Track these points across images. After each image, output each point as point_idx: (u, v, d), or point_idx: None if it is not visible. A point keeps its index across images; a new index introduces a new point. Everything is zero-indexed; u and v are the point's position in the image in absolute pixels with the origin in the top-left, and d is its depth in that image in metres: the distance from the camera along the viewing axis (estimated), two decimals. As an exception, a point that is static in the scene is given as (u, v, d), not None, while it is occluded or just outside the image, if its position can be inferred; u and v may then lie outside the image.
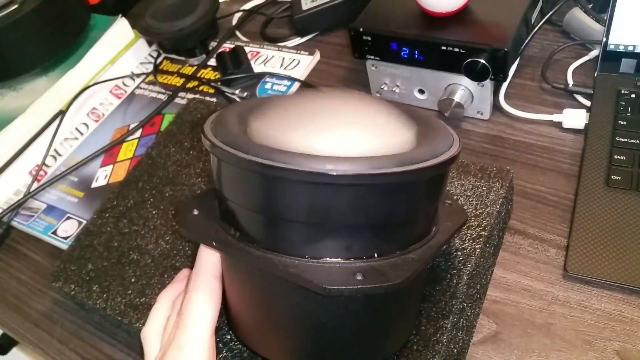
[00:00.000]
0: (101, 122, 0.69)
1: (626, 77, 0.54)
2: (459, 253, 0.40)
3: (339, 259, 0.29)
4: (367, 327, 0.31)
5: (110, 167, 0.62)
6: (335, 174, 0.26)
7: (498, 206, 0.42)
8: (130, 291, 0.43)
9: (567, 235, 0.46)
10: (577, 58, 0.59)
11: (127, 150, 0.63)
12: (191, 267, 0.36)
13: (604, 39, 0.54)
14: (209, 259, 0.35)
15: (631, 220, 0.44)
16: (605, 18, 0.57)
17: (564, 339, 0.40)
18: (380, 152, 0.28)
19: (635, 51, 0.54)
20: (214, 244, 0.31)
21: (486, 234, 0.41)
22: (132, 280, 0.44)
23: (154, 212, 0.49)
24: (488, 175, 0.44)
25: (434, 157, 0.29)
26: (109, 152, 0.64)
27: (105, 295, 0.44)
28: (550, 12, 0.57)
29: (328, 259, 0.29)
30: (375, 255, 0.29)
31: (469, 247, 0.40)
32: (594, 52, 0.59)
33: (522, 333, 0.41)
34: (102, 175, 0.61)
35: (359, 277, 0.28)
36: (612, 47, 0.54)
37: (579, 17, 0.60)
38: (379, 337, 0.32)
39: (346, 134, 0.30)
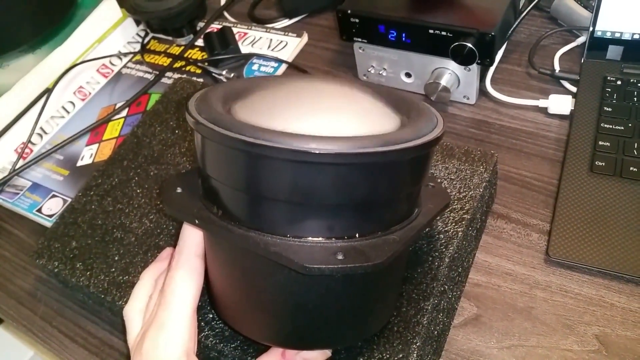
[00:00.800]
0: (87, 101, 0.68)
1: (612, 63, 0.54)
2: (442, 236, 0.40)
3: (320, 239, 0.29)
4: (348, 307, 0.31)
5: (95, 146, 0.62)
6: (318, 152, 0.26)
7: (481, 190, 0.42)
8: (113, 269, 0.43)
9: (549, 220, 0.46)
10: (565, 44, 0.59)
11: (113, 130, 0.63)
12: (174, 245, 0.36)
13: (591, 26, 0.54)
14: (191, 238, 0.35)
15: (614, 206, 0.44)
16: (592, 4, 0.57)
17: (545, 323, 0.41)
18: (364, 134, 0.28)
19: (622, 38, 0.54)
20: (197, 221, 0.31)
21: (469, 217, 0.41)
22: (116, 258, 0.44)
23: (138, 191, 0.48)
24: (472, 158, 0.45)
25: (417, 138, 0.29)
26: (95, 130, 0.63)
27: (88, 273, 0.44)
28: (540, -3, 0.57)
29: (310, 238, 0.29)
30: (357, 235, 0.29)
31: (452, 230, 0.40)
32: (581, 39, 0.59)
33: (503, 316, 0.42)
34: (88, 154, 0.61)
35: (340, 257, 0.28)
36: (599, 33, 0.55)
37: (566, 3, 0.60)
38: (360, 317, 0.33)
39: (331, 115, 0.30)
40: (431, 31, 0.51)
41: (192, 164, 0.50)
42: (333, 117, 0.30)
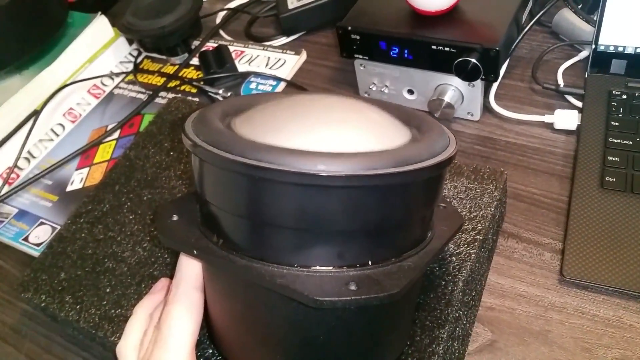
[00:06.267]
0: (78, 123, 0.66)
1: (617, 77, 0.53)
2: (454, 258, 0.38)
3: (330, 268, 0.27)
4: (360, 340, 0.29)
5: (86, 170, 0.60)
6: (327, 174, 0.24)
7: (492, 209, 0.41)
8: (105, 302, 0.41)
9: (561, 238, 0.45)
10: (567, 59, 0.59)
11: (105, 152, 0.61)
12: (170, 276, 0.34)
13: (594, 40, 0.53)
14: (189, 269, 0.33)
15: (627, 223, 0.43)
16: (594, 19, 0.56)
17: (562, 347, 0.39)
18: (375, 148, 0.26)
19: (626, 52, 0.53)
20: (195, 252, 0.29)
21: (481, 237, 0.39)
22: (107, 290, 0.42)
23: (130, 217, 0.46)
24: (481, 176, 0.43)
25: (432, 157, 0.27)
26: (86, 154, 0.62)
27: (78, 307, 0.41)
28: (541, 12, 0.56)
29: (319, 267, 0.27)
30: (370, 262, 0.27)
31: (464, 252, 0.38)
32: (584, 53, 0.58)
33: (519, 341, 0.40)
34: (78, 179, 0.59)
35: (353, 287, 0.26)
36: (602, 47, 0.54)
37: (568, 17, 0.59)
38: (373, 349, 0.30)
39: (339, 128, 0.28)
40: (434, 47, 0.50)
41: (189, 187, 0.48)
42: (341, 130, 0.28)
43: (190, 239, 0.29)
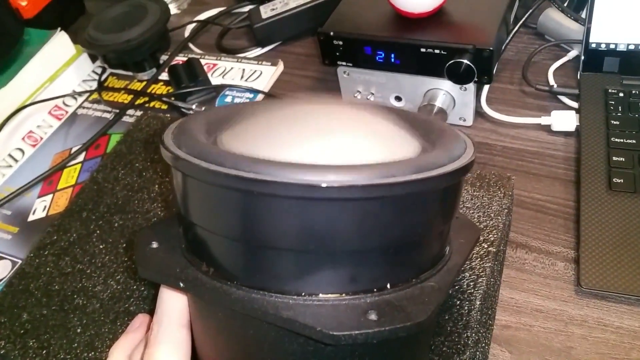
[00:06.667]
0: (39, 147, 0.62)
1: (610, 76, 0.52)
2: (467, 274, 0.35)
3: (344, 295, 0.23)
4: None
5: (49, 197, 0.55)
6: (339, 185, 0.20)
7: (503, 217, 0.38)
8: (75, 344, 0.37)
9: (573, 246, 0.42)
10: (556, 59, 0.57)
11: (69, 177, 0.57)
12: (148, 311, 0.29)
13: (585, 39, 0.52)
14: (173, 303, 0.28)
15: (642, 226, 0.40)
16: (583, 17, 0.54)
17: (588, 365, 0.36)
18: (386, 159, 0.23)
19: (618, 49, 0.51)
20: (181, 285, 0.24)
21: (494, 249, 0.36)
22: (78, 330, 0.38)
23: (101, 247, 0.42)
24: (487, 183, 0.40)
25: (452, 161, 0.24)
26: (48, 179, 0.57)
27: (44, 352, 0.37)
28: (529, 11, 0.55)
29: (331, 295, 0.23)
30: (388, 286, 0.24)
31: (478, 267, 0.35)
32: (573, 52, 0.57)
33: (541, 361, 0.36)
34: (41, 207, 0.55)
35: (373, 317, 0.22)
36: (593, 46, 0.52)
37: (554, 17, 0.58)
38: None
39: (344, 138, 0.24)
40: (423, 50, 0.47)
41: (166, 211, 0.43)
42: (347, 140, 0.24)
43: (175, 269, 0.25)
